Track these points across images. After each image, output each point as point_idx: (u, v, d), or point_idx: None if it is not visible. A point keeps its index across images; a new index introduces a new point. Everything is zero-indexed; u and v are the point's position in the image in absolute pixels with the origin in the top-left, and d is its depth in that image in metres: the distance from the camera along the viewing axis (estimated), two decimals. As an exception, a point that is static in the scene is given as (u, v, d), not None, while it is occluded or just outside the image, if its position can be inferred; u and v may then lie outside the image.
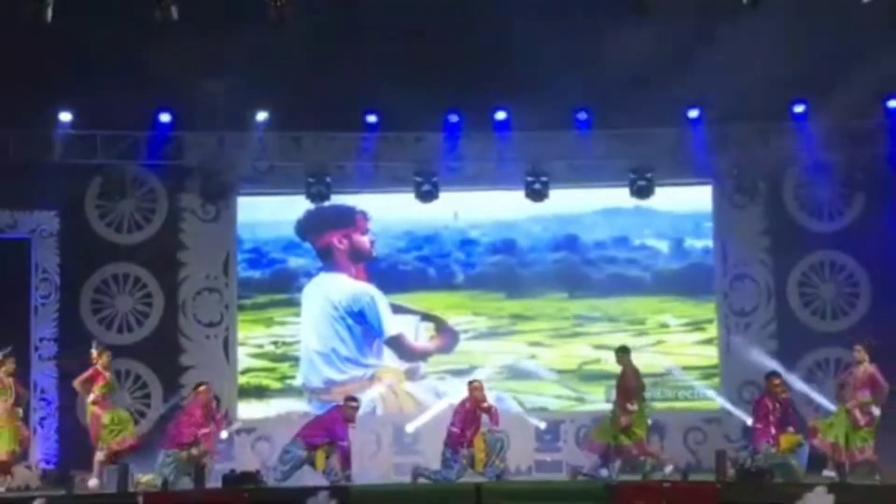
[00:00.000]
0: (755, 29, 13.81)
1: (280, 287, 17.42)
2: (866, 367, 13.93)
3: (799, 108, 16.23)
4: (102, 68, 14.60)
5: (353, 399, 14.62)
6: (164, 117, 16.28)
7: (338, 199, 17.09)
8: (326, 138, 16.63)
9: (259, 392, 17.14)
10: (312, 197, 16.84)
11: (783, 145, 16.55)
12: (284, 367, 17.21)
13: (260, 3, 13.33)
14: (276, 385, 17.16)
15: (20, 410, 14.42)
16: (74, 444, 16.02)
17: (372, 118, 16.45)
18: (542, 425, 16.64)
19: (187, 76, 14.83)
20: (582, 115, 16.47)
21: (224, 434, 15.19)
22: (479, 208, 17.32)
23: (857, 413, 13.79)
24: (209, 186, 16.76)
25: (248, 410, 16.99)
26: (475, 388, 14.60)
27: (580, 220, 17.37)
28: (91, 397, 14.25)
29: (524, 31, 14.33)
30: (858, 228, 16.87)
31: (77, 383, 14.45)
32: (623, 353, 14.90)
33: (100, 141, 16.52)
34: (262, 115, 16.43)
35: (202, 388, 14.57)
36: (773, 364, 15.80)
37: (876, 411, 13.82)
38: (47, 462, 16.11)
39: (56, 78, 14.82)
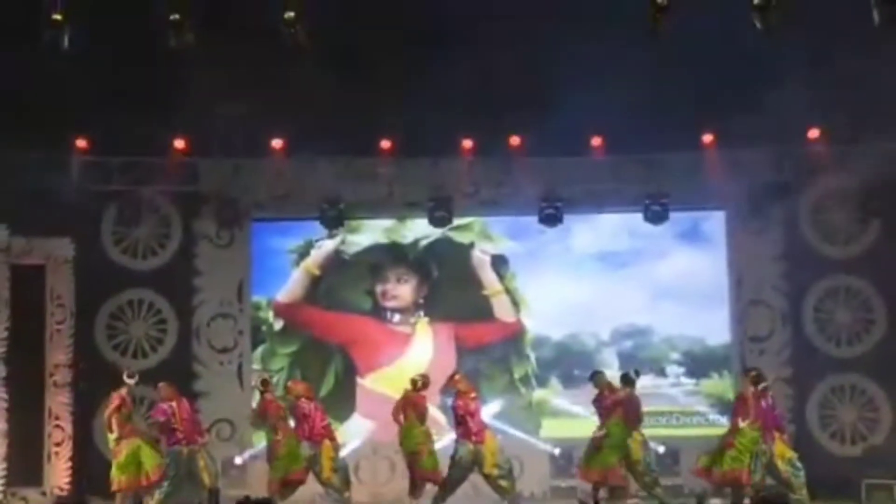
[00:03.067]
0: (770, 52, 13.85)
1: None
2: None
3: (814, 133, 16.22)
4: (118, 94, 14.67)
5: None
6: (179, 143, 16.33)
7: (354, 224, 17.25)
8: (341, 164, 16.66)
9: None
10: (327, 223, 16.91)
11: (798, 169, 16.51)
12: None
13: (276, 29, 13.39)
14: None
15: None
16: (89, 470, 16.06)
17: (387, 143, 16.52)
18: (557, 451, 16.60)
19: (202, 102, 14.90)
20: (596, 141, 16.51)
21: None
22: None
23: None
24: (224, 212, 16.81)
25: (262, 437, 16.92)
26: (457, 381, 14.66)
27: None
28: (115, 434, 14.17)
29: (539, 56, 14.38)
30: (874, 253, 16.80)
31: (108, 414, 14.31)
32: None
33: (115, 167, 16.62)
34: (277, 141, 16.49)
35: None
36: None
37: None
38: (61, 489, 16.09)
39: (72, 104, 14.86)
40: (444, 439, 15.19)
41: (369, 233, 17.57)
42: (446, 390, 15.47)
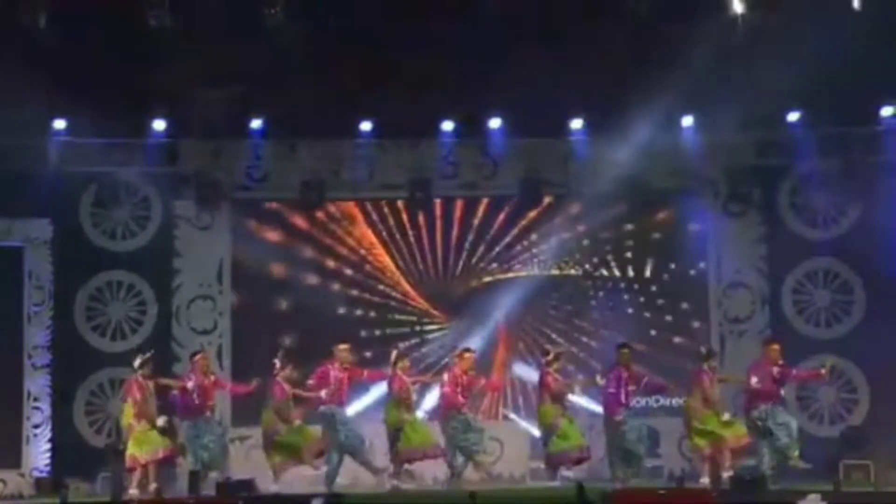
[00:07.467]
0: (750, 36, 13.87)
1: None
2: None
3: (793, 116, 16.28)
4: (97, 76, 14.62)
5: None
6: (159, 125, 16.28)
7: (332, 206, 17.22)
8: (321, 145, 16.65)
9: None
10: (306, 204, 16.90)
11: (778, 153, 16.56)
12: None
13: (255, 11, 13.37)
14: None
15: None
16: (67, 452, 16.05)
17: (367, 125, 16.51)
18: (537, 433, 16.61)
19: (182, 84, 14.85)
20: (576, 123, 16.53)
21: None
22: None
23: None
24: (204, 193, 16.77)
25: (242, 419, 16.92)
26: (466, 357, 14.71)
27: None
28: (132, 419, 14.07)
29: (518, 39, 14.39)
30: (853, 236, 16.88)
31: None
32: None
33: (94, 148, 16.55)
34: (256, 123, 16.46)
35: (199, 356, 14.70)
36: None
37: None
38: (40, 470, 16.08)
39: (51, 85, 14.79)
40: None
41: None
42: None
